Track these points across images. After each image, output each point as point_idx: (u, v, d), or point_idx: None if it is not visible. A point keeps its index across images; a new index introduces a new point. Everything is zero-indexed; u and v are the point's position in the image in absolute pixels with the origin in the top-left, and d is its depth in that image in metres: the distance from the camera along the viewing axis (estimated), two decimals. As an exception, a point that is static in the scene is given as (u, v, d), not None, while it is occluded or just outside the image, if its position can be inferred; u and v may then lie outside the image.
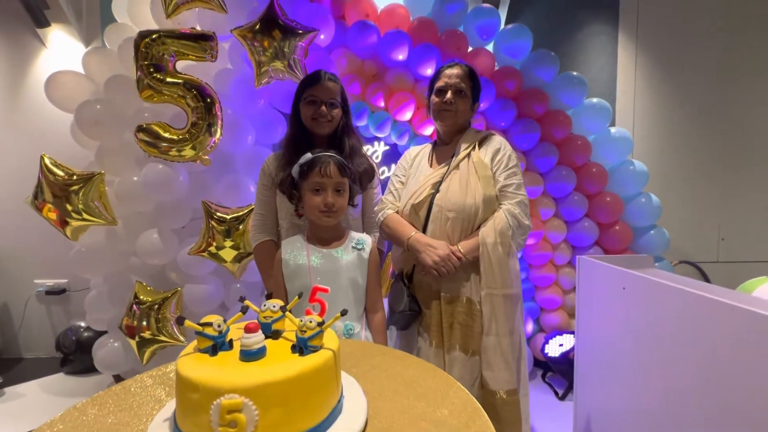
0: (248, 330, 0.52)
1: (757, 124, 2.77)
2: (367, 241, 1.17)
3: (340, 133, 1.35)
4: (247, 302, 0.61)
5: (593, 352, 1.62)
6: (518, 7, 2.67)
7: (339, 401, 0.56)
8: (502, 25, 2.48)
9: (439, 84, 1.32)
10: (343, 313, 0.58)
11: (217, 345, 0.54)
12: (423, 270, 1.22)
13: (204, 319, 0.55)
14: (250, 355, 0.51)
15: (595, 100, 2.36)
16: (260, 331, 0.53)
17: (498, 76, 2.30)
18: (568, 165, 2.35)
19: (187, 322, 0.53)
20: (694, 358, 1.12)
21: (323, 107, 1.30)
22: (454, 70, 1.32)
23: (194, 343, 0.55)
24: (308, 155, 1.12)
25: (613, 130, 2.38)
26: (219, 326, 0.54)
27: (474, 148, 1.30)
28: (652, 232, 2.39)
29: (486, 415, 0.60)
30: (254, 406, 0.45)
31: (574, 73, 2.33)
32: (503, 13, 2.55)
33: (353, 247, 1.14)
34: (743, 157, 2.81)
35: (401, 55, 2.23)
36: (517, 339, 1.20)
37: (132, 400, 0.64)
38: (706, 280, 2.89)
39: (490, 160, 1.27)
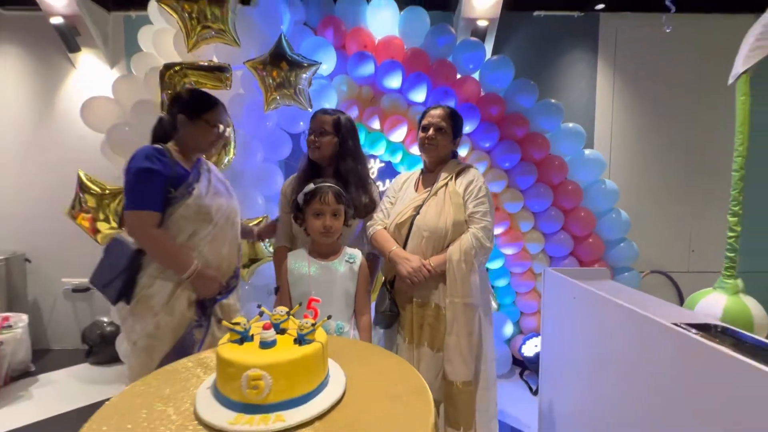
0: (265, 328, 0.78)
1: (724, 143, 2.98)
2: (358, 255, 1.42)
3: (337, 158, 1.57)
4: (263, 308, 0.87)
5: (554, 353, 1.86)
6: (504, 36, 2.91)
7: (326, 377, 0.81)
8: (488, 55, 2.73)
9: (424, 122, 1.55)
10: (329, 317, 0.83)
11: (244, 337, 0.79)
12: (400, 278, 1.46)
13: (234, 320, 0.81)
14: (266, 345, 0.76)
15: (571, 124, 2.60)
16: (273, 329, 0.79)
17: (483, 102, 2.54)
18: (546, 183, 2.59)
19: (224, 322, 0.79)
20: (618, 358, 1.37)
21: (312, 136, 1.56)
22: (437, 111, 1.55)
23: (227, 335, 0.81)
24: (311, 186, 1.37)
25: (587, 151, 2.62)
26: (244, 325, 0.80)
27: (452, 178, 1.52)
28: (622, 244, 2.63)
29: (429, 392, 0.84)
30: (269, 377, 0.70)
31: (552, 101, 2.57)
32: (490, 44, 2.79)
33: (346, 261, 1.39)
34: (712, 174, 3.03)
35: (395, 83, 2.48)
36: (475, 340, 1.43)
37: (180, 376, 0.90)
38: (677, 288, 3.13)
39: (464, 190, 1.49)
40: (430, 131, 1.52)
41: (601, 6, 2.83)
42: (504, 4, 2.66)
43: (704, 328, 1.23)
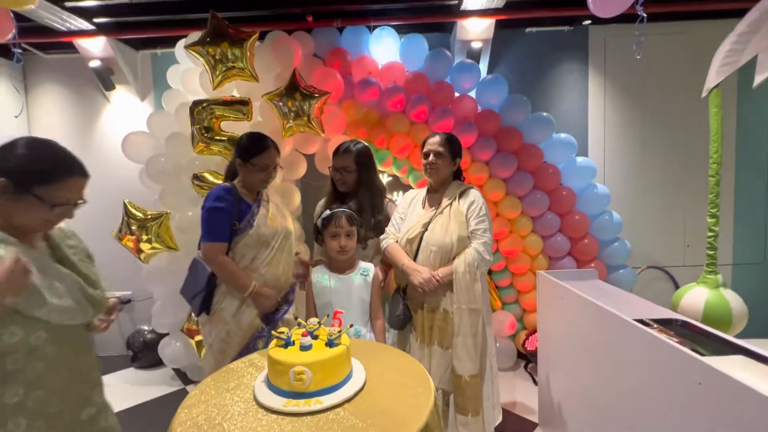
0: (304, 336, 1.04)
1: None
2: (371, 268, 1.67)
3: (356, 189, 1.85)
4: (300, 320, 1.13)
5: (549, 348, 2.09)
6: (498, 52, 3.12)
7: (350, 372, 1.06)
8: (484, 73, 2.94)
9: (425, 150, 1.78)
10: (351, 326, 1.09)
11: (287, 343, 1.05)
12: (413, 287, 1.70)
13: (279, 329, 1.07)
14: (305, 348, 1.02)
15: (563, 135, 2.80)
16: (309, 336, 1.05)
17: (480, 118, 2.76)
18: (542, 189, 2.80)
19: (273, 332, 1.05)
20: (594, 350, 1.60)
21: (338, 173, 1.84)
22: (435, 139, 1.77)
23: (274, 341, 1.07)
24: (327, 212, 1.63)
25: (579, 159, 2.82)
26: (287, 334, 1.06)
27: (455, 199, 1.74)
28: (616, 244, 2.82)
29: (431, 379, 1.09)
30: (310, 372, 0.96)
31: (544, 114, 2.77)
32: (485, 62, 3.01)
33: (361, 274, 1.64)
34: (703, 171, 3.17)
35: (399, 105, 2.72)
36: (479, 340, 1.65)
37: (237, 374, 1.16)
38: (674, 282, 3.30)
39: (466, 209, 1.71)
40: (431, 157, 1.74)
41: (588, 21, 3.01)
42: (497, 23, 2.87)
43: (666, 323, 1.46)
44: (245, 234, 1.62)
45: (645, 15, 1.81)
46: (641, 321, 1.39)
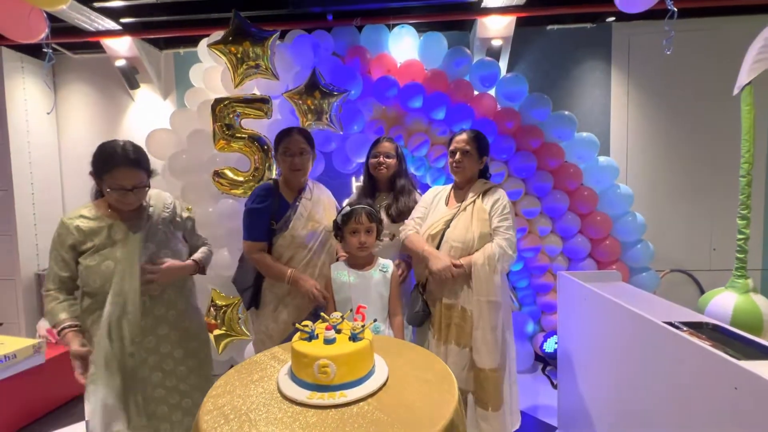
0: (327, 329, 1.04)
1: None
2: (390, 265, 1.67)
3: (395, 176, 1.94)
4: (323, 314, 1.13)
5: (570, 350, 2.05)
6: (519, 50, 3.08)
7: (373, 366, 1.06)
8: (504, 71, 2.91)
9: (451, 148, 1.76)
10: (375, 320, 1.08)
11: (311, 336, 1.05)
12: (431, 274, 1.66)
13: (303, 323, 1.07)
14: (329, 342, 1.02)
15: (585, 134, 2.75)
16: (333, 330, 1.05)
17: (499, 117, 2.73)
18: (562, 189, 2.75)
19: (296, 324, 1.06)
20: (620, 353, 1.55)
21: (381, 158, 1.90)
22: (462, 136, 1.74)
23: (298, 334, 1.07)
24: (347, 208, 1.63)
25: (601, 159, 2.76)
26: (311, 327, 1.06)
27: (479, 197, 1.72)
28: (638, 246, 2.75)
29: (453, 376, 1.08)
30: (334, 365, 0.96)
31: (566, 113, 2.72)
32: (504, 60, 2.97)
33: (380, 270, 1.64)
34: (731, 172, 3.07)
35: (417, 103, 2.71)
36: (499, 334, 1.62)
37: (260, 366, 1.17)
38: (699, 286, 3.20)
39: (490, 207, 1.69)
40: (457, 155, 1.73)
41: (612, 18, 2.95)
42: (517, 21, 2.83)
43: (696, 326, 1.41)
44: (281, 235, 1.68)
45: (676, 9, 1.76)
46: (671, 324, 1.34)
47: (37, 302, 3.12)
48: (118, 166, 1.33)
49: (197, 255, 1.60)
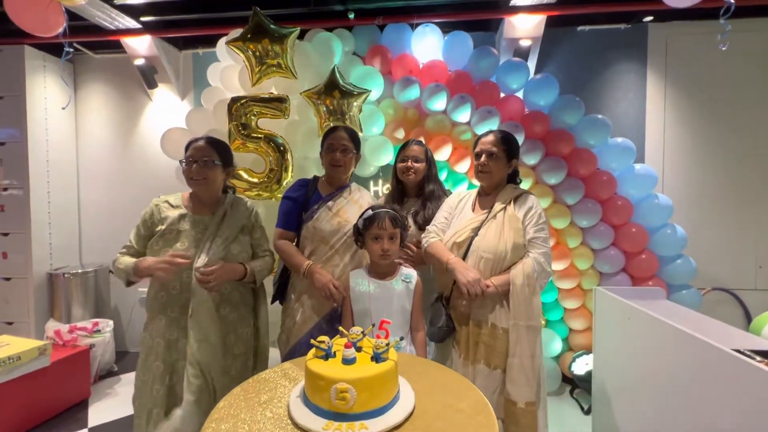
0: (347, 347, 0.90)
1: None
2: (414, 275, 1.52)
3: (424, 181, 1.84)
4: (341, 328, 1.00)
5: (608, 374, 1.86)
6: (548, 51, 2.93)
7: (398, 392, 0.92)
8: (532, 73, 2.77)
9: (477, 150, 1.61)
10: (401, 339, 0.94)
11: (328, 354, 0.92)
12: (457, 290, 1.50)
13: (319, 339, 0.94)
14: (348, 362, 0.89)
15: (619, 139, 2.57)
16: (353, 348, 0.91)
17: (527, 120, 2.58)
18: (594, 198, 2.57)
19: (312, 341, 0.93)
20: (675, 382, 1.37)
21: (409, 162, 1.80)
22: (489, 138, 1.59)
23: (312, 351, 0.94)
24: (369, 212, 1.50)
25: (637, 166, 2.57)
26: (327, 343, 0.93)
27: (510, 203, 1.56)
28: (678, 261, 2.54)
29: (491, 407, 0.93)
30: (354, 390, 0.82)
31: (599, 116, 2.55)
32: (533, 61, 2.83)
33: (403, 281, 1.50)
34: (780, 185, 2.85)
35: (440, 105, 2.58)
36: (537, 362, 1.46)
37: (269, 385, 1.04)
38: (744, 307, 2.95)
39: (523, 215, 1.53)
40: (483, 158, 1.57)
41: (649, 18, 2.78)
42: (547, 20, 2.69)
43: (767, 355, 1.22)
44: (305, 226, 1.66)
45: (733, 2, 1.59)
46: (739, 351, 1.16)
47: (48, 302, 3.07)
48: (193, 143, 1.50)
49: (254, 263, 1.58)
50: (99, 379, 2.88)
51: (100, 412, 2.50)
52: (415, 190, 1.86)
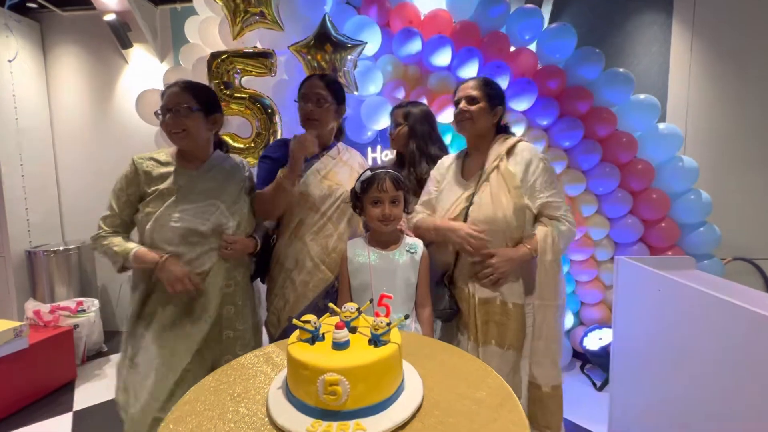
0: (338, 327, 0.72)
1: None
2: (419, 245, 1.33)
3: (408, 141, 1.64)
4: (330, 305, 0.81)
5: (629, 349, 1.70)
6: (562, 1, 2.64)
7: (402, 381, 0.74)
8: (546, 24, 2.49)
9: (456, 98, 1.40)
10: (406, 317, 0.76)
11: (315, 337, 0.74)
12: (461, 249, 1.32)
13: (303, 318, 0.75)
14: (339, 346, 0.71)
15: (642, 96, 2.33)
16: (345, 329, 0.73)
17: (540, 75, 2.33)
18: (613, 162, 2.35)
19: (294, 321, 0.74)
20: (712, 355, 1.20)
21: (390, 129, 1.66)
22: (468, 83, 1.39)
23: (296, 333, 0.76)
24: (368, 173, 1.29)
25: (661, 126, 2.34)
26: (314, 324, 0.75)
27: (502, 159, 1.35)
28: (701, 229, 2.35)
29: (516, 397, 0.76)
30: (347, 382, 0.64)
31: (621, 70, 2.30)
32: (547, 11, 2.55)
33: (407, 251, 1.31)
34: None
35: (444, 60, 2.33)
36: (560, 343, 1.33)
37: (248, 373, 0.87)
38: (764, 276, 2.78)
39: (522, 171, 1.32)
40: (461, 104, 1.36)
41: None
42: (563, -36, 2.40)
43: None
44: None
45: None
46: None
47: (29, 281, 2.90)
48: (167, 89, 1.27)
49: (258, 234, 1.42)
50: (87, 360, 2.75)
51: (87, 394, 2.38)
52: (411, 157, 1.65)
